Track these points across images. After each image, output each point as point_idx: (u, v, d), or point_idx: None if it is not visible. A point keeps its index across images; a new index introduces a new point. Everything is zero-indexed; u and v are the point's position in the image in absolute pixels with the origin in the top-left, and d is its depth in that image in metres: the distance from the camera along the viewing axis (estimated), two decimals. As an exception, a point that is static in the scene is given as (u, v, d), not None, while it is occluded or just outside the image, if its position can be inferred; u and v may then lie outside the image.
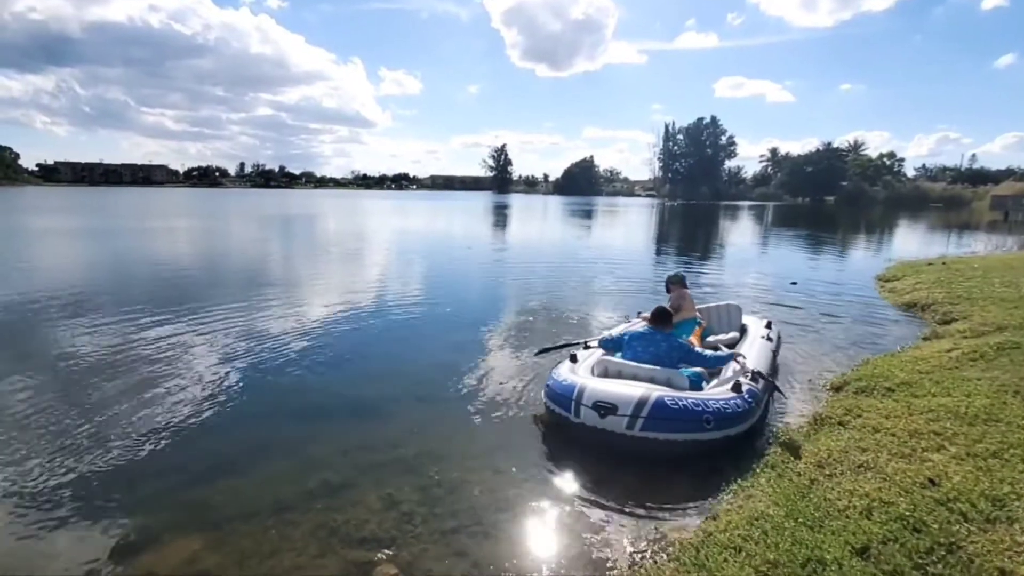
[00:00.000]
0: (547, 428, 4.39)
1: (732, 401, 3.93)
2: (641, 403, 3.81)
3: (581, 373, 4.44)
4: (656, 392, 3.92)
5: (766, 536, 2.63)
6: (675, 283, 6.23)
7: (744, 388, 4.06)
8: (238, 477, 3.65)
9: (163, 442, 4.04)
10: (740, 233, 28.19)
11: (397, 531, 3.08)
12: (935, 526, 2.54)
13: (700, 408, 3.79)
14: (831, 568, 2.34)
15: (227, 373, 5.48)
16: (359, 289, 10.24)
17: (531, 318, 8.14)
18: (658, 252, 19.12)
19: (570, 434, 4.18)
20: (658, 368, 4.30)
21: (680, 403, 3.80)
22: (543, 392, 4.54)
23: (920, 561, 2.34)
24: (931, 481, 2.91)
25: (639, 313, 6.33)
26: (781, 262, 15.58)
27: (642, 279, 12.13)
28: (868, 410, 4.12)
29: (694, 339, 5.64)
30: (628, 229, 29.36)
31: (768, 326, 5.80)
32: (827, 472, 3.25)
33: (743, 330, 5.89)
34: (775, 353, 5.38)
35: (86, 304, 8.36)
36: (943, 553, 2.37)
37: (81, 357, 5.91)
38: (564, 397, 4.17)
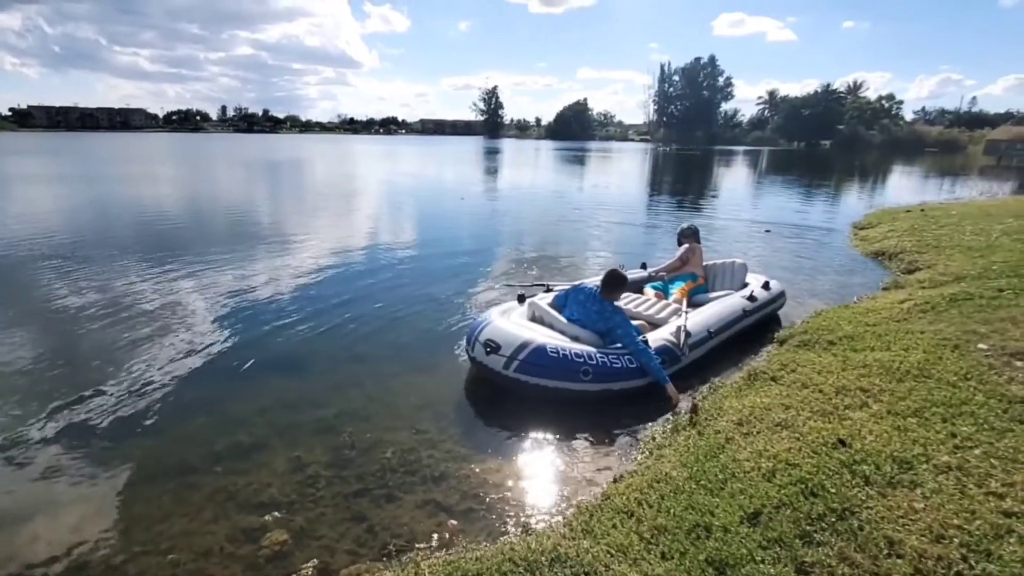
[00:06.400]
0: (479, 384, 4.29)
1: (624, 357, 3.92)
2: (522, 346, 3.88)
3: (512, 315, 4.44)
4: (542, 339, 3.93)
5: (662, 500, 2.55)
6: (687, 236, 6.01)
7: (653, 346, 4.04)
8: (147, 437, 3.52)
9: (72, 398, 3.89)
10: (732, 180, 27.67)
11: (297, 495, 2.98)
12: (833, 490, 2.46)
13: (581, 360, 3.80)
14: (716, 534, 2.26)
15: (170, 328, 5.30)
16: (333, 244, 9.73)
17: (515, 269, 7.96)
18: (650, 199, 18.72)
19: (502, 391, 4.12)
20: (573, 326, 4.21)
21: (561, 352, 3.82)
22: None
23: (807, 528, 2.25)
24: (841, 442, 2.82)
25: (622, 266, 6.12)
26: (764, 209, 15.32)
27: (633, 228, 11.94)
28: (804, 365, 4.02)
29: (679, 293, 5.45)
30: (620, 177, 28.72)
31: (765, 286, 5.61)
32: (744, 431, 3.16)
33: (744, 288, 5.67)
34: (749, 312, 5.17)
35: (52, 253, 8.06)
36: (833, 520, 2.29)
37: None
38: (470, 332, 4.33)
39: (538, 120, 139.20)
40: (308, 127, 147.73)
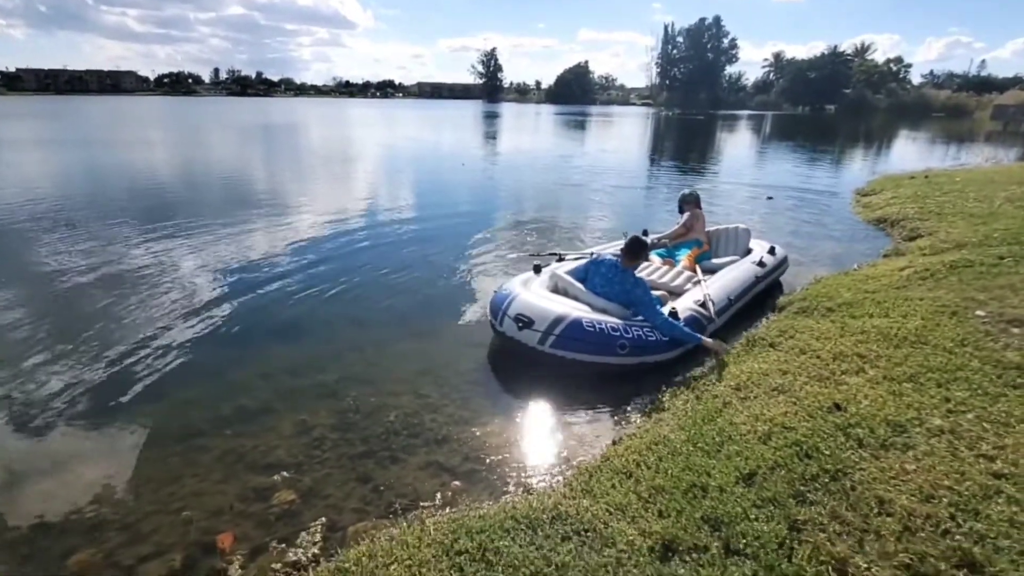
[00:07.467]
0: (479, 349, 4.34)
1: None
2: (557, 321, 3.82)
3: (532, 286, 4.39)
4: (576, 312, 3.87)
5: (660, 461, 2.61)
6: (689, 202, 5.95)
7: (682, 317, 4.02)
8: (154, 402, 3.58)
9: (77, 364, 3.94)
10: (735, 145, 27.34)
11: (304, 457, 3.05)
12: (827, 452, 2.51)
13: (617, 333, 3.76)
14: (712, 494, 2.33)
15: (170, 294, 5.32)
16: (333, 210, 9.59)
17: (517, 236, 7.93)
18: (651, 165, 18.52)
19: (498, 355, 4.20)
20: (600, 299, 4.16)
21: (597, 326, 3.78)
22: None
23: (801, 488, 2.32)
24: (836, 406, 2.87)
25: (625, 234, 6.08)
26: (767, 175, 15.17)
27: (635, 193, 11.90)
28: (802, 331, 4.05)
29: (688, 260, 5.45)
30: (622, 142, 28.35)
31: (771, 251, 5.61)
32: (742, 395, 3.21)
33: (748, 254, 5.69)
34: (760, 278, 5.22)
35: (50, 219, 8.01)
36: (827, 480, 2.35)
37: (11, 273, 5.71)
38: (496, 306, 4.23)
39: (538, 83, 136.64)
40: (303, 90, 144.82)
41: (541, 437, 3.27)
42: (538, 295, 4.19)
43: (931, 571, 1.88)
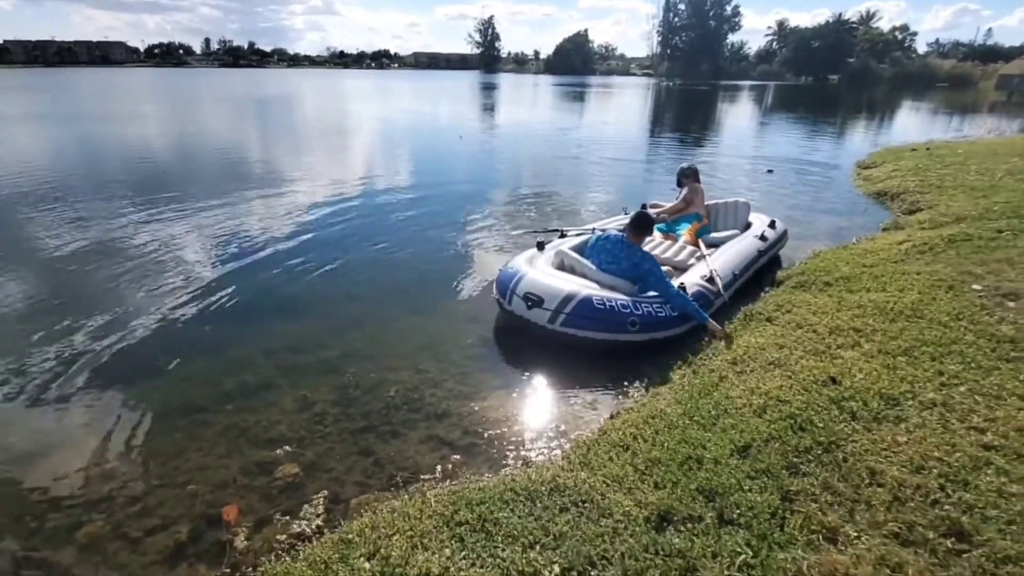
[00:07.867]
0: (478, 325, 4.37)
1: (667, 305, 3.91)
2: (567, 299, 3.80)
3: (537, 264, 4.37)
4: (586, 290, 3.86)
5: (657, 434, 2.66)
6: (688, 176, 5.90)
7: (689, 292, 4.02)
8: (156, 378, 3.61)
9: (79, 342, 3.96)
10: (736, 117, 26.98)
11: (306, 431, 3.10)
12: (820, 425, 2.56)
13: (627, 310, 3.76)
14: (707, 466, 2.37)
15: (168, 269, 5.33)
16: (330, 184, 9.49)
17: (516, 210, 7.91)
18: (651, 137, 18.29)
19: (498, 331, 4.22)
20: (607, 276, 4.14)
21: (607, 304, 3.77)
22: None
23: (794, 460, 2.36)
24: (832, 380, 2.91)
25: (625, 209, 6.06)
26: (768, 147, 15.02)
27: (634, 166, 11.80)
28: (799, 305, 4.07)
29: (688, 235, 5.43)
30: (621, 113, 27.98)
31: (772, 225, 5.60)
32: (738, 369, 3.24)
33: (747, 228, 5.67)
34: (763, 253, 5.24)
35: (45, 194, 7.94)
36: (819, 452, 2.40)
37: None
38: (503, 284, 4.20)
39: (536, 53, 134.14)
40: (296, 61, 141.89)
41: (539, 411, 3.32)
42: (546, 273, 4.16)
43: (920, 540, 1.93)
